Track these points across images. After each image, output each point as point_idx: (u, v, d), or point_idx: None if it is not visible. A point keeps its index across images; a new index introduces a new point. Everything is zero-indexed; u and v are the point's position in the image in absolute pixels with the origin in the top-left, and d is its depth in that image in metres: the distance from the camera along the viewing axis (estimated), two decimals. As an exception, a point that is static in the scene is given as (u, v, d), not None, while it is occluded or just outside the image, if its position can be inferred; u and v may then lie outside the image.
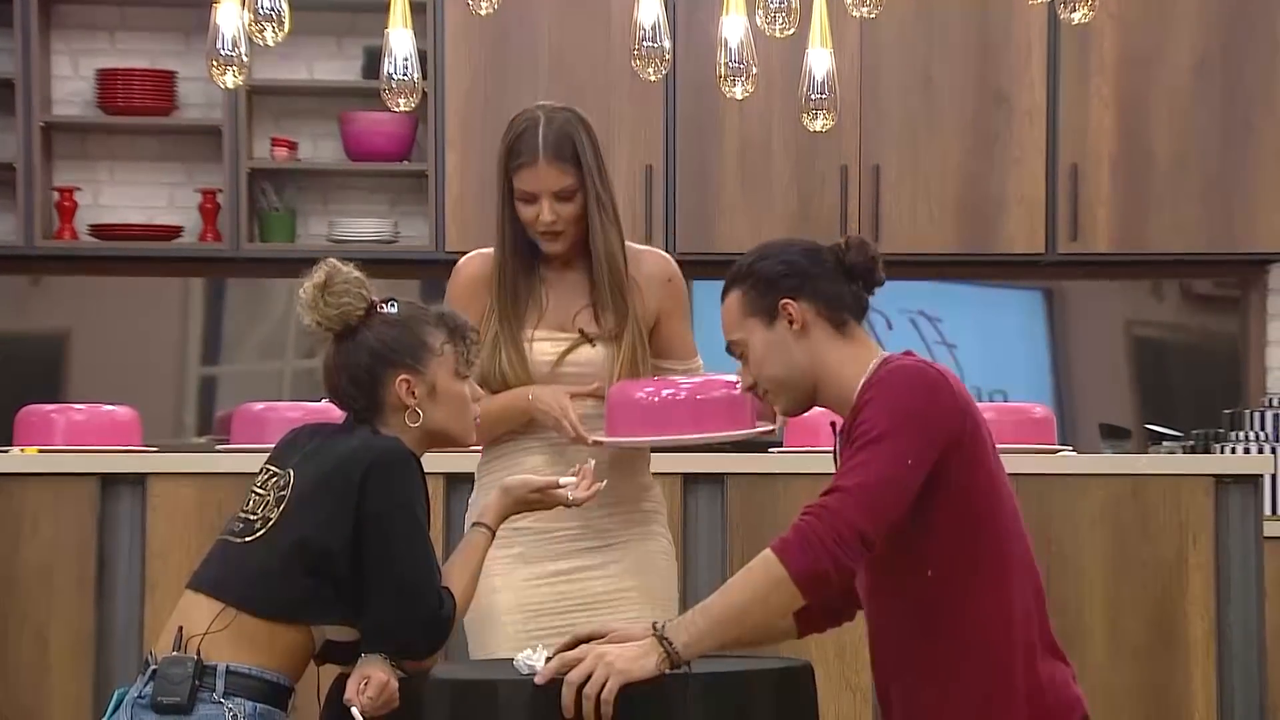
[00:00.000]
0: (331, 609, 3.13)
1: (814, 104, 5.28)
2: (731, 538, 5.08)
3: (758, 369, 3.33)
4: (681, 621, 3.10)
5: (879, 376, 3.22)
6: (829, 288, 3.33)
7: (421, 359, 3.25)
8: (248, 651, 3.11)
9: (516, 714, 3.06)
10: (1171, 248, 7.42)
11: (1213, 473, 5.21)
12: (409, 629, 3.13)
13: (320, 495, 3.13)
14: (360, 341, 3.25)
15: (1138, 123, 7.37)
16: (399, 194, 7.70)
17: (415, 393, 3.24)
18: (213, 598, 3.14)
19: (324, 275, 3.26)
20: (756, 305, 3.32)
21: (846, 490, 3.08)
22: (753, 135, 7.37)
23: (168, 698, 3.08)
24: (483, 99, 7.38)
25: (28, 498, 5.09)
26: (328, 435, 3.26)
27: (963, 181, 7.37)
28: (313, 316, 3.25)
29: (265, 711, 3.11)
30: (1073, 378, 7.78)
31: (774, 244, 3.41)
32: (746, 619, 3.11)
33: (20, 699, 5.01)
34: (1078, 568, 5.12)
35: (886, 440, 3.11)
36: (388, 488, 3.12)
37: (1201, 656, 5.11)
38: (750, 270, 3.34)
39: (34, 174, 7.35)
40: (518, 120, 3.95)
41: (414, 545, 3.13)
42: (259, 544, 3.14)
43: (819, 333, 3.30)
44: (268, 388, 7.60)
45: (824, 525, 3.06)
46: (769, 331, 3.30)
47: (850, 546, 3.06)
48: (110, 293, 7.60)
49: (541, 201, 3.85)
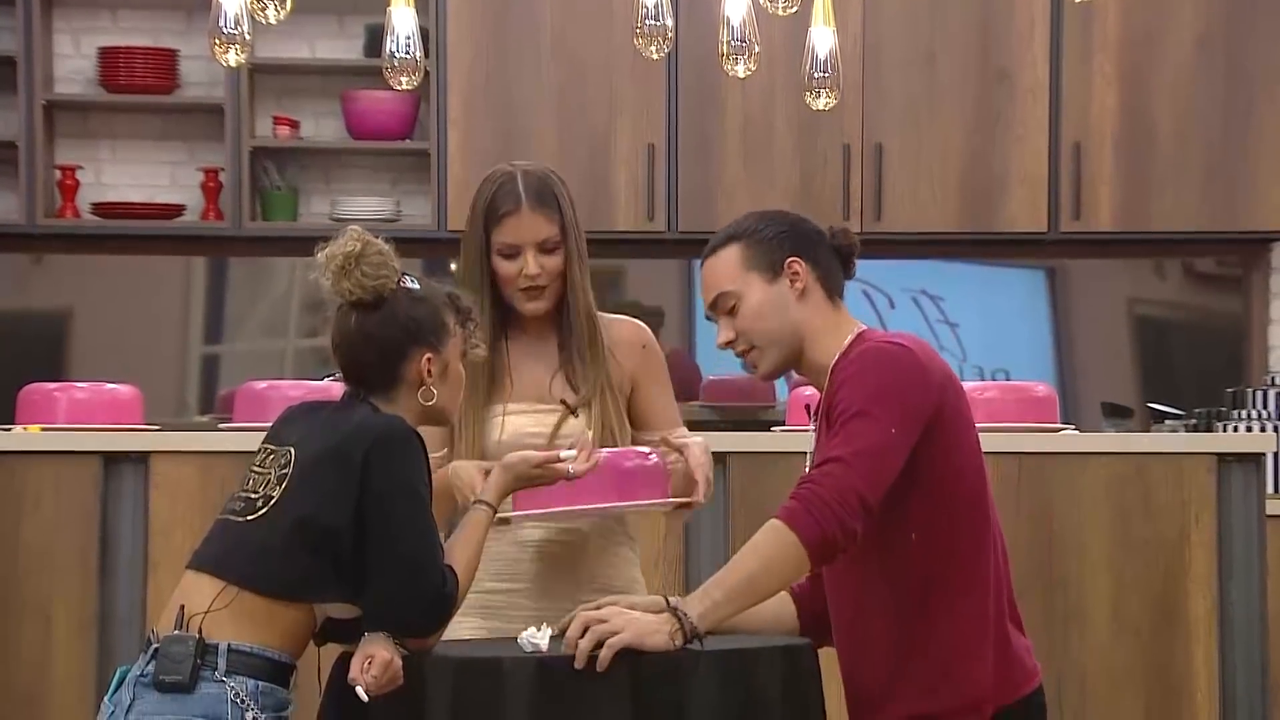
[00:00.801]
0: (333, 587, 3.13)
1: (816, 82, 5.27)
2: (733, 516, 5.08)
3: (749, 324, 3.34)
4: (694, 595, 3.15)
5: (853, 356, 3.25)
6: (827, 258, 3.38)
7: (440, 338, 3.27)
8: (250, 630, 3.11)
9: (520, 691, 3.07)
10: (1174, 226, 7.42)
11: (1215, 451, 5.21)
12: (412, 607, 3.13)
13: (322, 473, 3.13)
14: (391, 315, 3.24)
15: (1140, 101, 7.36)
16: (401, 173, 7.70)
17: (432, 371, 3.25)
18: (214, 576, 3.14)
19: (359, 245, 3.24)
20: (760, 260, 3.34)
21: (842, 459, 3.12)
22: (755, 114, 7.36)
23: (170, 676, 3.08)
24: (485, 77, 7.38)
25: (30, 476, 5.09)
26: (328, 413, 3.26)
27: (965, 160, 7.36)
28: (345, 284, 3.23)
29: (267, 689, 3.11)
30: (1075, 356, 7.78)
31: (770, 211, 3.45)
32: (757, 587, 3.16)
33: (23, 677, 5.02)
34: (1080, 546, 5.12)
35: (869, 414, 3.15)
36: (391, 466, 3.12)
37: (1203, 635, 5.12)
38: (753, 229, 3.37)
39: (35, 152, 7.34)
40: (492, 177, 3.77)
41: (417, 523, 3.13)
42: (261, 522, 3.14)
43: (816, 297, 3.34)
44: (270, 366, 7.60)
45: (826, 491, 3.10)
46: (770, 287, 3.33)
47: (853, 510, 3.10)
48: (112, 271, 7.60)
49: (525, 254, 3.69)
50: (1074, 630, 5.11)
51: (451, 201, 7.33)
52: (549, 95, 7.38)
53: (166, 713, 3.07)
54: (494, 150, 7.35)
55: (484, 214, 3.73)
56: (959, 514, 3.23)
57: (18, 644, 5.04)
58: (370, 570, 3.11)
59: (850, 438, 3.14)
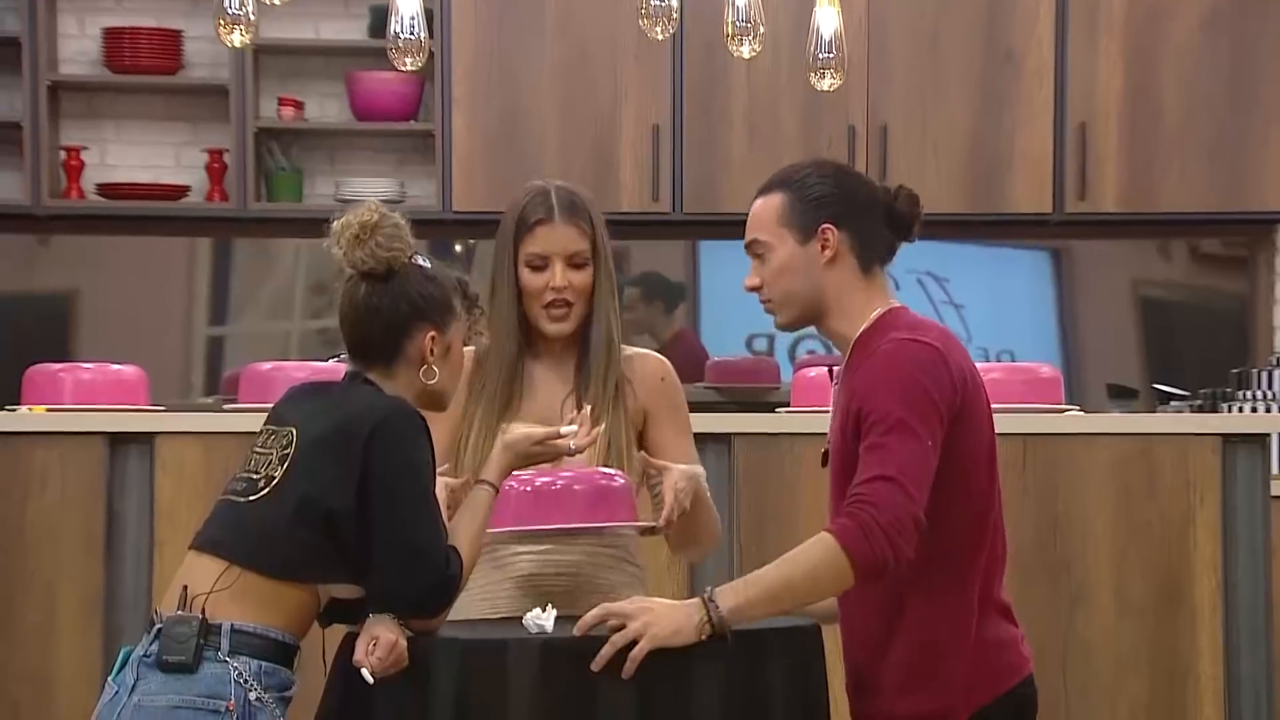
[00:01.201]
0: (337, 568, 3.13)
1: (821, 63, 5.27)
2: (739, 497, 5.08)
3: (774, 278, 3.33)
4: (731, 587, 3.14)
5: (883, 352, 3.21)
6: (869, 227, 3.33)
7: (446, 319, 3.27)
8: (253, 610, 3.11)
9: (525, 673, 3.08)
10: (1179, 207, 7.41)
11: (1220, 432, 5.20)
12: (416, 590, 3.13)
13: (325, 454, 3.13)
14: (401, 289, 3.24)
15: (1146, 81, 7.35)
16: (406, 154, 7.69)
17: (435, 350, 3.25)
18: (217, 557, 3.14)
19: (375, 215, 3.25)
20: (795, 218, 3.31)
21: (892, 479, 3.10)
22: (760, 95, 7.35)
23: (173, 656, 3.09)
24: (490, 58, 7.37)
25: (35, 457, 5.09)
26: (331, 394, 3.26)
27: (970, 141, 7.35)
28: (358, 253, 3.23)
29: (271, 669, 3.12)
30: (1080, 337, 7.77)
31: (828, 163, 3.39)
32: (796, 596, 3.15)
33: (29, 658, 5.02)
34: (1085, 527, 5.12)
35: (909, 428, 3.13)
36: (394, 449, 3.12)
37: (1208, 615, 5.11)
38: (801, 181, 3.33)
39: (40, 133, 7.34)
40: (521, 193, 3.71)
41: (420, 506, 3.13)
42: (263, 503, 3.14)
43: (845, 266, 3.31)
44: (275, 347, 7.61)
45: (885, 517, 3.08)
46: (799, 248, 3.31)
47: (910, 536, 3.10)
48: (117, 252, 7.60)
49: (554, 266, 3.64)
50: (1078, 611, 5.11)
51: (456, 182, 7.32)
52: (554, 76, 7.38)
53: (170, 692, 3.07)
54: (499, 131, 7.35)
55: (515, 224, 3.67)
56: (955, 514, 3.19)
57: (24, 624, 5.04)
58: (374, 553, 3.11)
59: (896, 454, 3.12)
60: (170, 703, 3.07)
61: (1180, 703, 5.11)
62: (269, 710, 3.10)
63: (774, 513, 5.07)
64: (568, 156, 7.27)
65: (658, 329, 7.78)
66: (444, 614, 3.20)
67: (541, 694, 3.07)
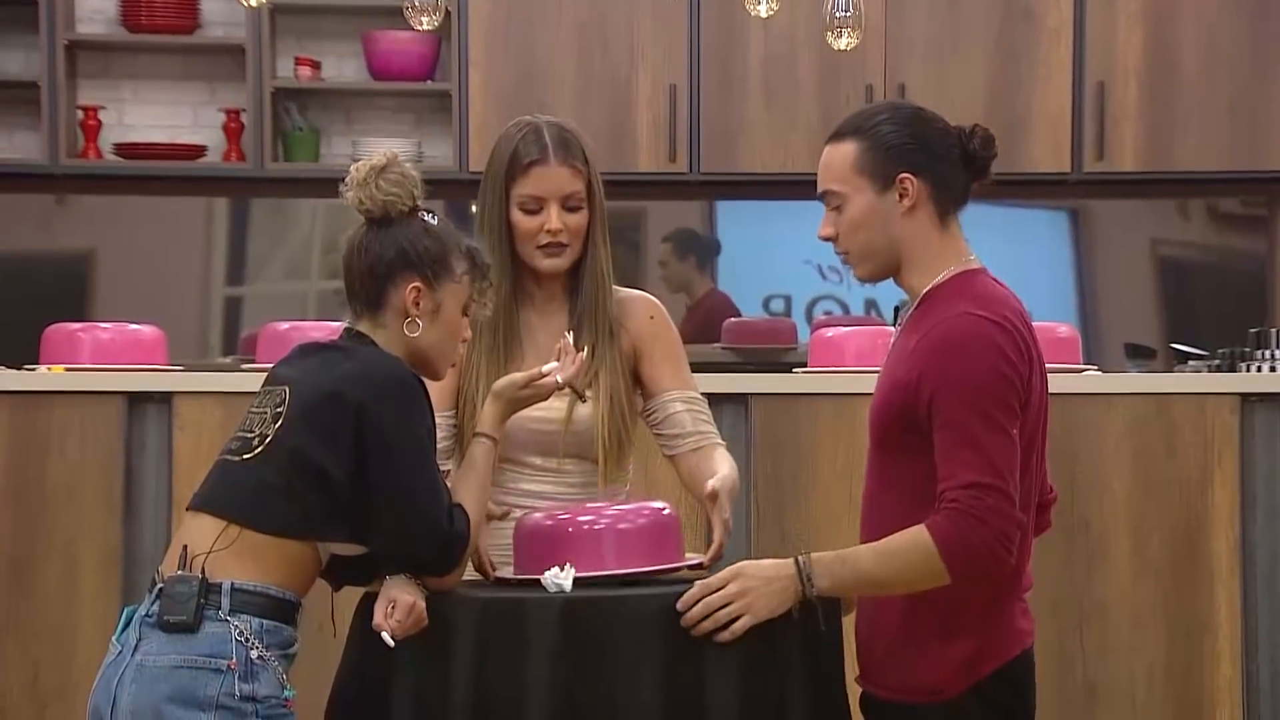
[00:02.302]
0: (333, 525, 3.11)
1: (838, 22, 5.25)
2: (756, 457, 5.09)
3: (851, 229, 3.22)
4: (827, 563, 3.11)
5: (958, 324, 3.12)
6: (947, 173, 3.24)
7: (439, 276, 3.23)
8: (252, 568, 3.10)
9: (545, 632, 3.08)
10: (1198, 166, 7.39)
11: (1238, 391, 5.20)
12: (423, 549, 3.12)
13: (318, 414, 3.11)
14: (392, 235, 3.24)
15: (1165, 39, 7.33)
16: (422, 114, 7.69)
17: (420, 304, 3.23)
18: (215, 517, 3.13)
19: (384, 160, 3.26)
20: (873, 168, 3.20)
21: (992, 486, 3.04)
22: (777, 54, 7.34)
23: (174, 616, 3.08)
24: (506, 17, 7.36)
25: (54, 416, 5.10)
26: (326, 353, 3.23)
27: (988, 100, 7.33)
28: (359, 194, 3.23)
29: (273, 628, 3.11)
30: (1098, 297, 7.76)
31: (904, 108, 3.29)
32: (887, 588, 3.15)
33: (48, 616, 5.04)
34: (1102, 486, 5.12)
35: (992, 418, 3.06)
36: (391, 412, 3.10)
37: (1225, 574, 5.12)
38: (875, 129, 3.22)
39: (58, 93, 7.35)
40: (511, 129, 3.60)
41: (418, 467, 3.10)
42: (257, 461, 3.12)
43: (923, 216, 3.22)
44: (292, 307, 7.62)
45: (988, 529, 3.04)
46: (877, 198, 3.21)
47: (1013, 542, 3.07)
48: (135, 212, 7.61)
49: (549, 208, 3.53)
50: (1096, 570, 5.11)
51: (472, 142, 7.32)
52: (570, 36, 7.36)
53: (171, 652, 3.07)
54: (515, 91, 7.34)
55: (506, 165, 3.56)
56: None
57: (45, 583, 5.06)
58: (377, 518, 3.10)
59: (990, 453, 3.05)
60: (172, 663, 3.06)
61: (1197, 661, 5.11)
62: (271, 668, 3.09)
63: (791, 473, 5.07)
64: (584, 116, 7.25)
65: (692, 286, 7.78)
66: (458, 572, 3.20)
67: (560, 653, 3.08)
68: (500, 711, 3.08)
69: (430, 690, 3.13)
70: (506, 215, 3.57)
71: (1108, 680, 5.10)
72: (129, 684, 3.09)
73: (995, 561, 3.06)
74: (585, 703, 3.07)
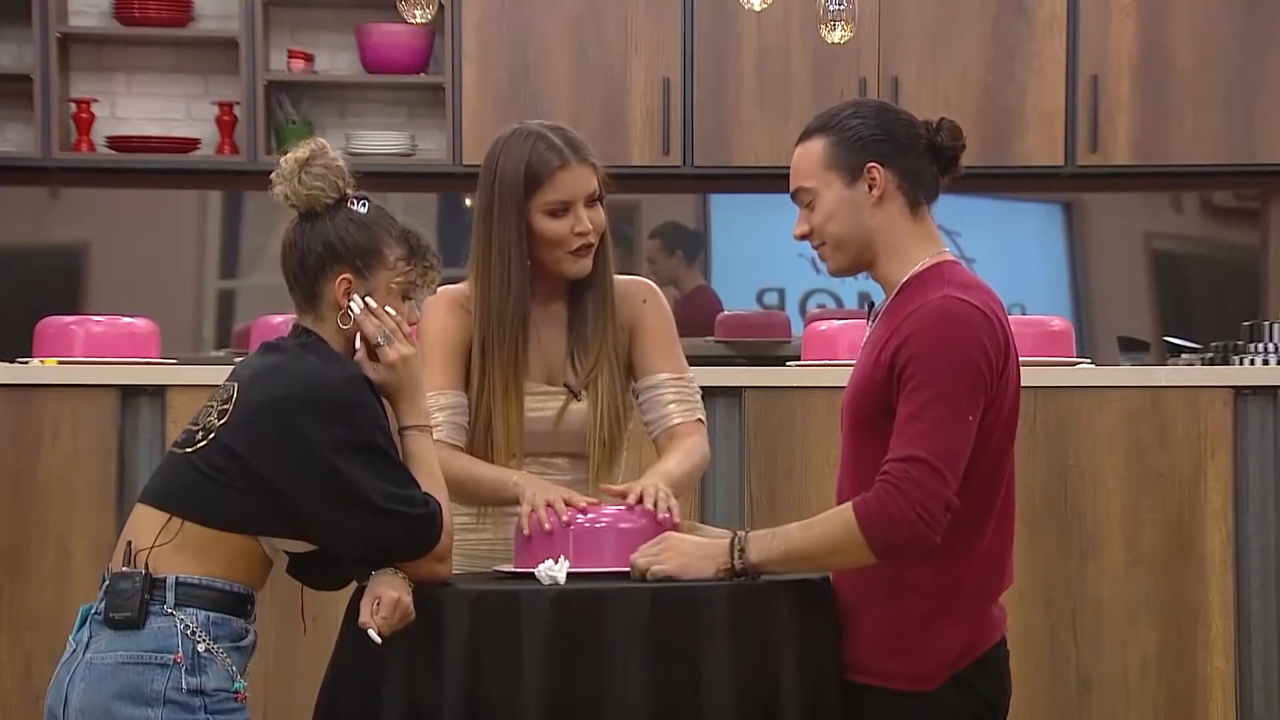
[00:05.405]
0: (270, 523, 3.08)
1: (832, 15, 5.25)
2: (749, 450, 5.09)
3: (823, 223, 3.27)
4: (760, 539, 3.18)
5: (927, 312, 3.14)
6: (914, 163, 3.27)
7: (370, 266, 3.20)
8: (196, 561, 3.07)
9: (538, 625, 3.08)
10: (1192, 159, 7.39)
11: (1231, 384, 5.20)
12: (395, 545, 3.09)
13: (260, 421, 3.06)
14: (319, 229, 3.23)
15: (1158, 33, 7.33)
16: (416, 107, 7.68)
17: (351, 296, 3.21)
18: (159, 510, 3.12)
19: (308, 152, 3.24)
20: (841, 160, 3.26)
21: (924, 461, 3.07)
22: (771, 47, 7.33)
23: (119, 613, 3.05)
24: (500, 10, 7.35)
25: (48, 409, 5.10)
26: (279, 355, 3.19)
27: (982, 93, 7.34)
28: (284, 189, 3.23)
29: (220, 620, 3.08)
30: (1091, 290, 7.77)
31: (869, 104, 3.35)
32: (815, 565, 3.21)
33: (41, 609, 5.04)
34: (1096, 480, 5.12)
35: (951, 401, 3.09)
36: (334, 430, 3.02)
37: (1218, 567, 5.12)
38: (842, 124, 3.28)
39: (51, 85, 7.34)
40: (512, 141, 3.56)
41: (366, 475, 3.04)
42: (198, 455, 3.10)
43: (893, 206, 3.26)
44: (285, 300, 7.55)
45: (908, 501, 3.06)
46: (846, 190, 3.25)
47: (938, 521, 3.08)
48: (128, 205, 7.60)
49: (577, 209, 3.53)
50: (1089, 563, 5.12)
51: (466, 135, 7.31)
52: (564, 28, 7.36)
53: (119, 649, 3.05)
54: (509, 84, 7.34)
55: (522, 176, 3.53)
56: (967, 477, 3.15)
57: (37, 575, 5.06)
58: (339, 524, 3.07)
59: (935, 432, 3.08)
60: (119, 659, 3.05)
61: (1190, 654, 5.12)
62: (219, 660, 3.07)
63: (785, 466, 5.07)
64: (578, 109, 7.25)
65: (681, 280, 7.78)
66: (445, 565, 3.16)
67: (553, 646, 3.08)
68: (493, 701, 3.08)
69: (422, 681, 3.13)
70: (528, 226, 3.55)
71: (1101, 672, 5.10)
72: (79, 682, 3.07)
73: (915, 537, 3.07)
74: (577, 693, 3.07)
